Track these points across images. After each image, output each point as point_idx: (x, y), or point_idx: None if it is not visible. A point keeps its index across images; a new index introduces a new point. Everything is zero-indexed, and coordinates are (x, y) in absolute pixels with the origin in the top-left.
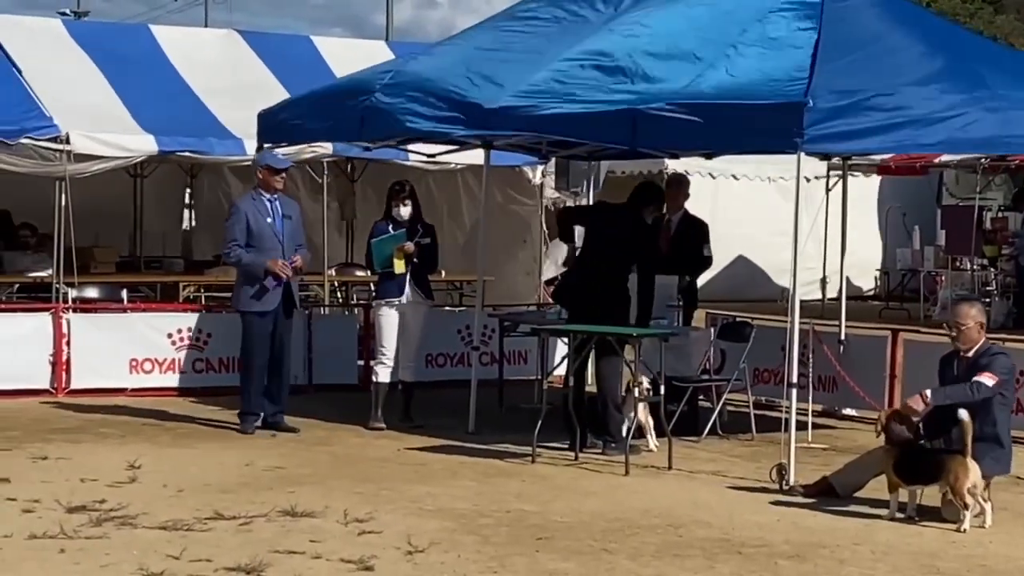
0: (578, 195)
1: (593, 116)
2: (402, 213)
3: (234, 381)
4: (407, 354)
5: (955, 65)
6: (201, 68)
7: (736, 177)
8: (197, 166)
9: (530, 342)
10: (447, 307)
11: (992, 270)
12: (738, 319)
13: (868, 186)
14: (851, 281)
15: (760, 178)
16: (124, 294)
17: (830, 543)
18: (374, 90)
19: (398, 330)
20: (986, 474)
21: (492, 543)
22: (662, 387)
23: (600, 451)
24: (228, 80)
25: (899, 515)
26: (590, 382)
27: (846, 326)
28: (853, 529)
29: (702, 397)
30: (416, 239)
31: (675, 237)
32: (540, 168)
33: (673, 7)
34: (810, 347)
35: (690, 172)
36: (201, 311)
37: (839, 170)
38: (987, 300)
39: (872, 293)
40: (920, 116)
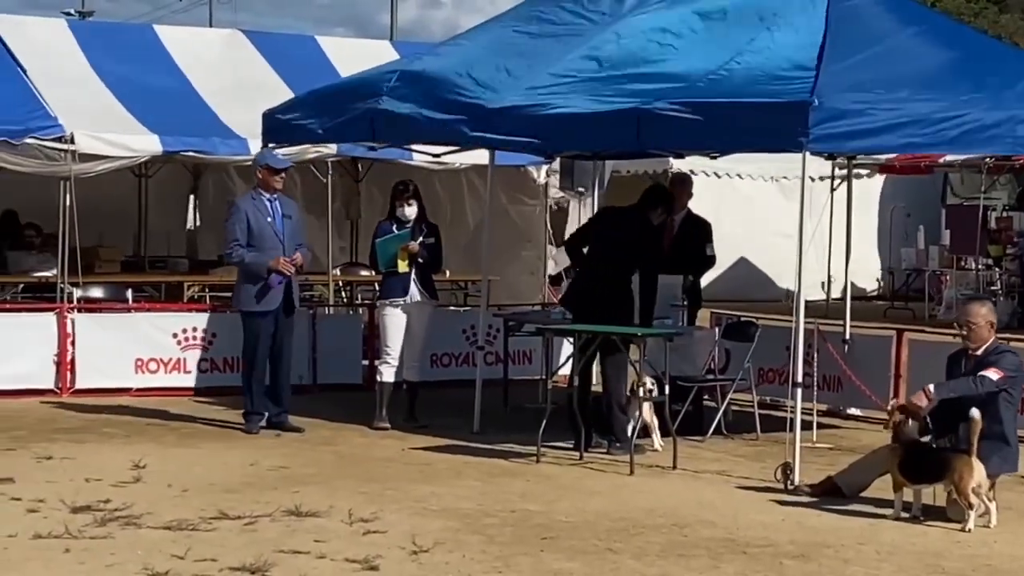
0: (582, 194)
1: (598, 116)
2: (406, 213)
3: (239, 381)
4: (412, 354)
5: (960, 64)
6: (205, 68)
7: (740, 176)
8: (201, 166)
9: (535, 342)
10: (452, 307)
11: (997, 270)
12: (743, 319)
13: (869, 187)
14: (853, 283)
15: (764, 178)
16: (129, 294)
17: (835, 543)
18: (381, 92)
19: (403, 330)
20: (993, 473)
21: (497, 543)
22: (667, 387)
23: (605, 451)
24: (232, 80)
25: (904, 515)
26: (595, 382)
27: (851, 326)
28: (858, 529)
29: (707, 397)
30: (420, 239)
31: (678, 237)
32: (544, 168)
33: (677, 8)
34: (815, 347)
35: (695, 171)
36: (206, 311)
37: (844, 169)
38: (992, 299)
39: (875, 293)
40: (925, 115)
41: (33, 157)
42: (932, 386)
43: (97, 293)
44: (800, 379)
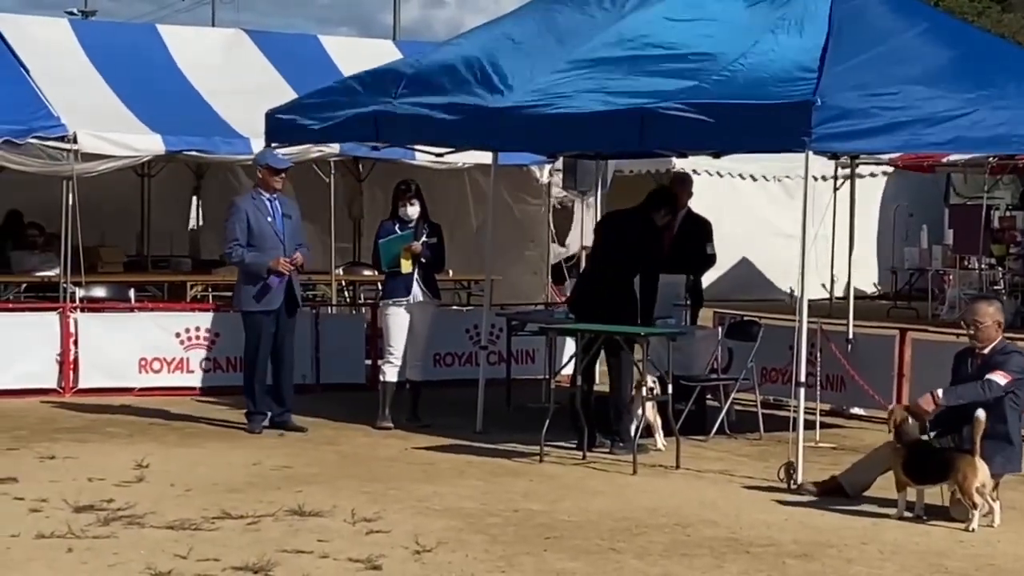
0: (585, 194)
1: (601, 116)
2: (409, 212)
3: (242, 380)
4: (415, 353)
5: (963, 64)
6: (208, 68)
7: (743, 176)
8: (204, 165)
9: (538, 341)
10: (455, 306)
11: (1000, 269)
12: (746, 318)
13: (871, 187)
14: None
15: (767, 177)
16: (131, 293)
17: (838, 542)
18: (384, 93)
19: (406, 330)
20: (997, 473)
21: (500, 542)
22: (670, 386)
23: (608, 450)
24: (235, 80)
25: (907, 514)
26: (598, 381)
27: (854, 325)
28: (861, 528)
29: (710, 396)
30: (422, 239)
31: (678, 236)
32: (548, 167)
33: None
34: (818, 346)
35: (697, 171)
36: (209, 310)
37: (847, 168)
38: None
39: (876, 294)
40: (928, 115)
41: (36, 157)
42: (940, 391)
43: (100, 293)
44: (803, 378)
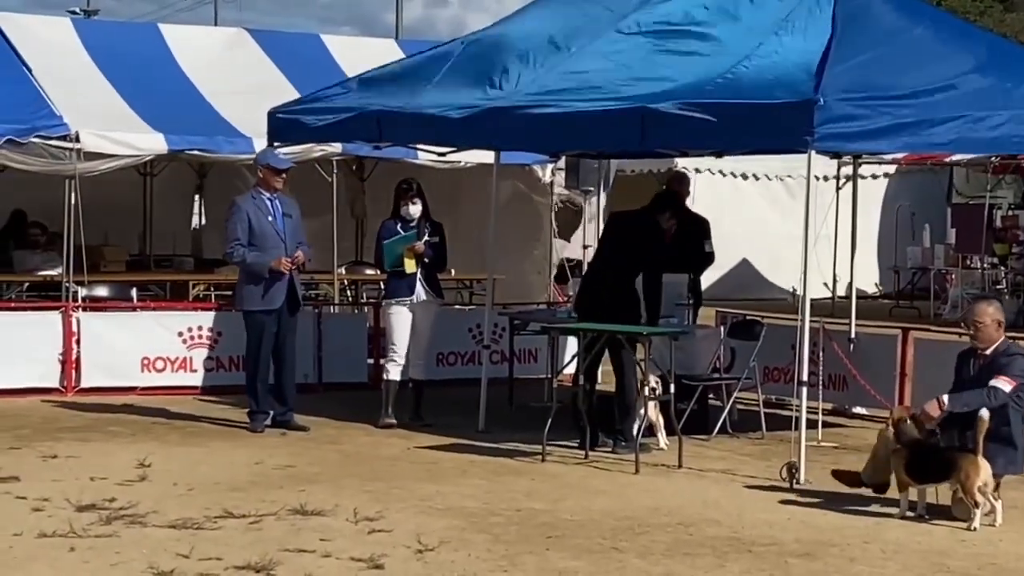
0: (588, 193)
1: (602, 116)
2: (411, 211)
3: (244, 380)
4: (417, 352)
5: (967, 63)
6: (210, 67)
7: (745, 176)
8: (207, 164)
9: (540, 340)
10: (457, 306)
11: (1002, 268)
12: (748, 317)
13: (873, 187)
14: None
15: (769, 177)
16: (134, 293)
17: (840, 541)
18: (390, 94)
19: (409, 329)
20: (999, 474)
21: (502, 541)
22: (672, 385)
23: (610, 449)
24: (237, 79)
25: (909, 513)
26: (600, 381)
27: (856, 324)
28: (863, 527)
29: (712, 396)
30: (424, 238)
31: (677, 235)
32: (550, 166)
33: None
34: (820, 345)
35: (700, 170)
36: (211, 310)
37: (849, 166)
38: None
39: (877, 295)
40: (930, 115)
41: (38, 156)
42: (947, 397)
43: (102, 292)
44: (806, 378)
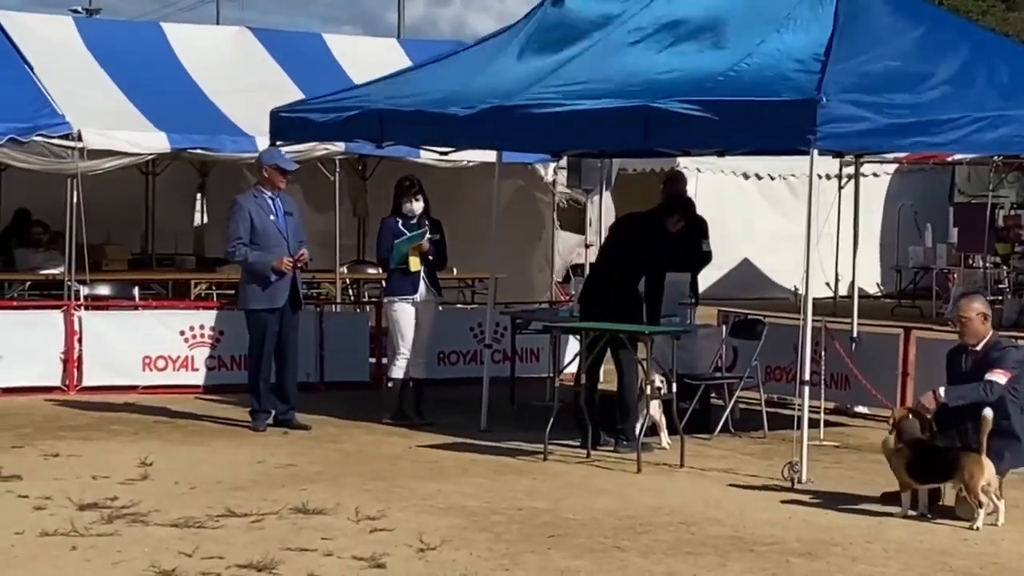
0: (590, 192)
1: (605, 114)
2: (414, 208)
3: (246, 379)
4: (418, 351)
5: (969, 63)
6: (212, 66)
7: (747, 175)
8: (209, 163)
9: (542, 339)
10: (459, 304)
11: (1004, 268)
12: (750, 317)
13: (875, 186)
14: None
15: (771, 176)
16: (136, 292)
17: (842, 541)
18: (392, 95)
19: (414, 326)
20: (1006, 468)
21: (504, 540)
22: (674, 385)
23: (612, 448)
24: (239, 78)
25: (911, 513)
26: (602, 379)
27: (858, 324)
28: (865, 527)
29: (714, 395)
30: (427, 236)
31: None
32: (552, 165)
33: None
34: (822, 345)
35: (701, 169)
36: (213, 308)
37: (851, 166)
38: (999, 297)
39: (879, 294)
40: (933, 115)
41: (40, 155)
42: (942, 389)
43: (104, 291)
44: (808, 377)
